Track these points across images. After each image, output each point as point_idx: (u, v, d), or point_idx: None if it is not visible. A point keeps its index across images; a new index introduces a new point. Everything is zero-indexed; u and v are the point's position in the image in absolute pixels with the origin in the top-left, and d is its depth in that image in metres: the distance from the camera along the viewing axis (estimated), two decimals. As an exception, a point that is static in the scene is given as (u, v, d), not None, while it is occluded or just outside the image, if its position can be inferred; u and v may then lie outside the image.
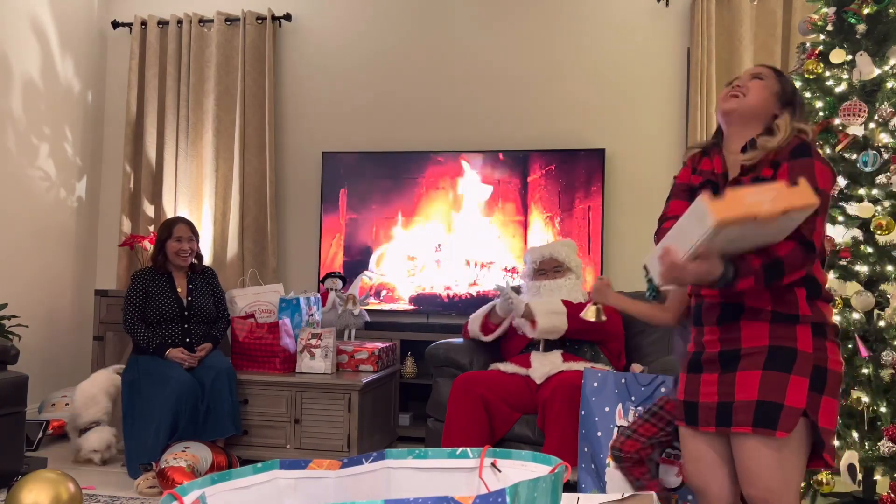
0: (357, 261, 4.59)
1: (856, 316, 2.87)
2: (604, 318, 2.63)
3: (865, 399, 2.77)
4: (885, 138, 2.93)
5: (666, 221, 2.05)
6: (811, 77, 3.09)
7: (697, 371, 1.92)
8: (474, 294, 4.42)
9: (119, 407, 3.68)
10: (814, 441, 1.79)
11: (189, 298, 3.70)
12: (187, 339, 3.65)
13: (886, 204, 2.86)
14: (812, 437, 1.79)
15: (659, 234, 2.05)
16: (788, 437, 1.75)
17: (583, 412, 2.87)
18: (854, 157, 2.94)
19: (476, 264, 4.46)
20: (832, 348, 1.83)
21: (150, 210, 4.93)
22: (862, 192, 2.90)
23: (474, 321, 3.54)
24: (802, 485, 2.71)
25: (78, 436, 3.73)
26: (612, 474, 2.73)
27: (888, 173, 2.85)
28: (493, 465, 1.43)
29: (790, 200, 1.66)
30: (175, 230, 3.72)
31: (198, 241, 3.82)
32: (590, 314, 2.98)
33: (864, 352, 2.73)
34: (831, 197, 2.96)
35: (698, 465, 1.94)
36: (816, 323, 1.81)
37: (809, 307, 1.81)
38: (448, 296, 4.45)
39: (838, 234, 2.98)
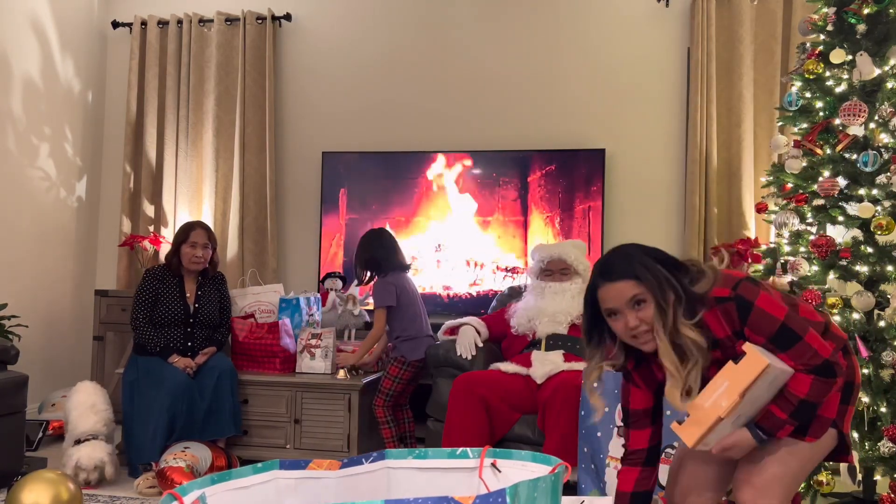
0: (357, 261, 4.58)
1: (856, 316, 2.87)
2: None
3: (865, 399, 2.77)
4: (885, 138, 2.92)
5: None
6: (811, 77, 3.09)
7: None
8: (474, 294, 4.42)
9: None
10: (837, 445, 1.89)
11: (196, 305, 3.68)
12: (189, 343, 3.64)
13: (886, 204, 2.86)
14: (835, 442, 1.88)
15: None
16: (815, 442, 1.83)
17: (582, 412, 2.87)
18: (854, 157, 2.93)
19: (476, 264, 4.46)
20: (855, 362, 1.93)
21: (150, 210, 4.92)
22: (862, 192, 2.90)
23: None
24: (802, 486, 2.72)
25: (72, 445, 3.33)
26: (612, 475, 2.73)
27: (888, 173, 2.85)
28: (493, 465, 1.44)
29: (742, 381, 1.69)
30: (192, 235, 3.67)
31: (214, 248, 3.75)
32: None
33: (864, 352, 2.73)
34: (832, 199, 2.96)
35: (699, 462, 1.97)
36: (843, 346, 1.89)
37: (832, 342, 1.83)
38: (448, 296, 4.45)
39: (838, 234, 2.98)
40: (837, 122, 2.97)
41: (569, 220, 4.34)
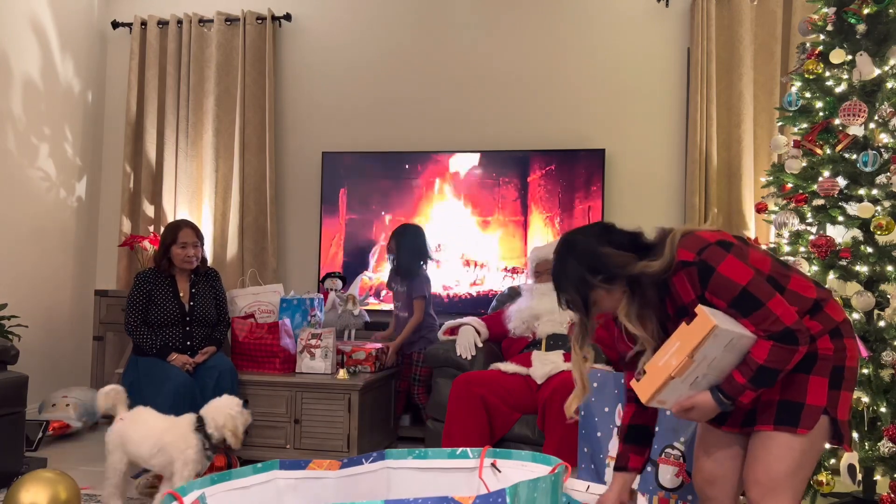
0: (357, 261, 4.59)
1: (856, 316, 2.87)
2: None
3: (865, 399, 2.77)
4: (885, 138, 2.93)
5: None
6: (811, 77, 3.09)
7: None
8: (474, 294, 4.42)
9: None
10: (833, 432, 1.85)
11: (191, 303, 3.68)
12: (188, 342, 3.64)
13: (886, 204, 2.86)
14: (830, 430, 1.85)
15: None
16: (809, 433, 1.80)
17: (582, 412, 2.87)
18: (854, 157, 2.94)
19: (476, 264, 4.46)
20: (850, 345, 1.87)
21: (150, 210, 4.92)
22: (862, 192, 2.90)
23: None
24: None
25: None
26: (612, 475, 2.73)
27: (888, 173, 2.85)
28: (493, 465, 1.44)
29: (690, 342, 1.71)
30: (180, 235, 3.64)
31: (202, 245, 3.76)
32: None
33: (864, 352, 2.73)
34: (832, 199, 2.96)
35: (717, 451, 1.99)
36: (832, 329, 1.85)
37: (818, 323, 1.82)
38: (448, 296, 4.45)
39: (838, 234, 2.98)
40: (837, 122, 2.97)
41: (569, 220, 4.34)
